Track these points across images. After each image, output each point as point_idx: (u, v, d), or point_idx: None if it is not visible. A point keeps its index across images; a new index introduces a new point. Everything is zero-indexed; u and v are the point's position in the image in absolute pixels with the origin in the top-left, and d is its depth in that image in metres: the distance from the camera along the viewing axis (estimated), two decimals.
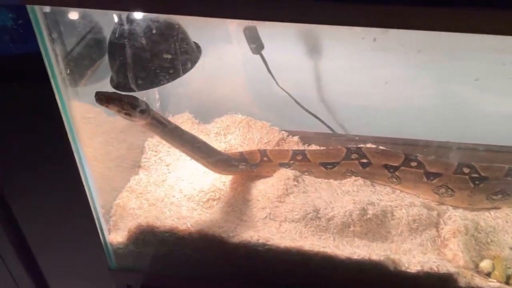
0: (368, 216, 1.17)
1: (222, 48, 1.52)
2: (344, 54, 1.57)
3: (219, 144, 1.42)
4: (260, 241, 1.09)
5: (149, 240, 1.14)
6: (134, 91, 1.05)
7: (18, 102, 1.11)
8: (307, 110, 1.55)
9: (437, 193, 1.27)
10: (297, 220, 1.17)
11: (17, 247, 1.38)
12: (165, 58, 0.93)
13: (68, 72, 0.89)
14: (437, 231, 1.19)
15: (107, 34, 1.06)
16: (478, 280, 1.05)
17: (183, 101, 1.53)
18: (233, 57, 1.56)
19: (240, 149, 1.43)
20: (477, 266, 1.12)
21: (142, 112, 1.01)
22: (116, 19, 0.98)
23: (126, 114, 0.98)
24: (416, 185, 1.29)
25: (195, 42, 1.09)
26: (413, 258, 1.10)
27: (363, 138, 1.51)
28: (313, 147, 1.49)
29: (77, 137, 0.98)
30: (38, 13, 0.76)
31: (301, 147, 1.48)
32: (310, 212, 1.17)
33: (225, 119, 1.48)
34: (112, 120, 1.29)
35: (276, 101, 1.59)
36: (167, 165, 1.37)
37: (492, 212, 1.25)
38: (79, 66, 1.03)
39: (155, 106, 1.52)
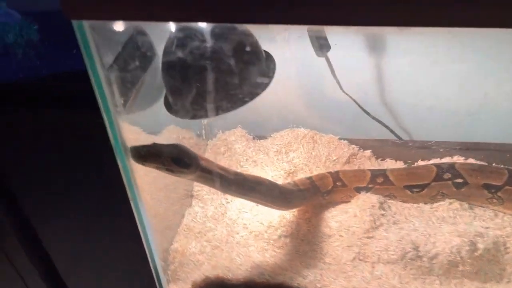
0: (479, 251, 0.96)
1: (275, 50, 1.30)
2: (411, 49, 1.34)
3: (281, 164, 1.22)
4: None
5: None
6: (196, 118, 0.84)
7: (54, 128, 0.93)
8: (374, 118, 1.34)
9: None
10: (394, 261, 0.97)
11: None
12: (245, 79, 0.72)
13: (123, 98, 0.68)
14: None
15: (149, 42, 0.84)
16: None
17: (233, 114, 1.31)
18: (288, 60, 1.34)
19: (305, 169, 1.22)
20: None
21: (187, 165, 0.80)
22: (173, 26, 0.76)
23: (167, 170, 0.79)
24: None
25: (265, 51, 0.88)
26: None
27: (445, 145, 1.29)
28: (388, 161, 1.28)
29: (132, 173, 0.77)
30: (86, 28, 0.55)
31: (374, 162, 1.27)
32: (410, 251, 0.96)
33: (286, 134, 1.27)
34: (152, 140, 1.10)
35: (338, 109, 1.38)
36: (224, 194, 1.17)
37: None
38: (121, 85, 0.81)
39: (202, 122, 1.31)
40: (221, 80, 0.74)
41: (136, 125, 0.90)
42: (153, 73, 0.87)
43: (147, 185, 1.06)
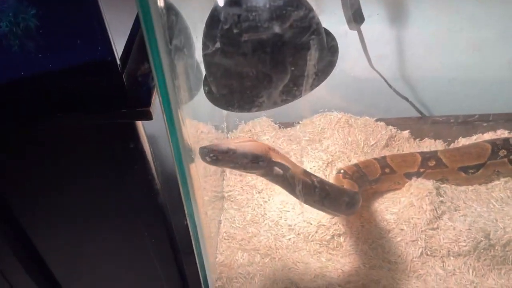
0: None
1: None
2: (433, 18, 1.24)
3: (317, 153, 1.09)
4: None
5: None
6: (240, 111, 0.69)
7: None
8: (403, 96, 1.24)
9: None
10: (466, 253, 0.87)
11: None
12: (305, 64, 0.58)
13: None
14: None
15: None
16: None
17: None
18: None
19: (343, 158, 1.10)
20: None
21: (262, 161, 0.73)
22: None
23: (240, 167, 0.73)
24: None
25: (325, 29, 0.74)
26: None
27: (487, 118, 1.20)
28: (427, 141, 1.18)
29: (191, 181, 0.63)
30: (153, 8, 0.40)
31: (413, 144, 1.16)
32: (481, 240, 0.87)
33: (317, 120, 1.14)
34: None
35: (367, 87, 1.26)
36: (259, 192, 1.03)
37: None
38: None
39: (223, 112, 1.16)
40: (285, 64, 0.60)
41: None
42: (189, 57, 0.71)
43: None
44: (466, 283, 0.83)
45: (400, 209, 0.96)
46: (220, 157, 0.68)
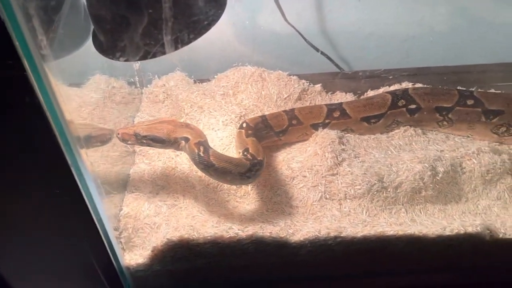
0: (440, 175, 0.96)
1: None
2: None
3: (231, 107, 1.11)
4: (332, 234, 0.85)
5: (182, 255, 0.86)
6: (128, 60, 0.69)
7: None
8: (317, 49, 1.27)
9: (496, 133, 1.09)
10: (360, 196, 0.94)
11: None
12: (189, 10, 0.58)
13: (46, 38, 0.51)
14: None
15: None
16: None
17: (168, 56, 1.16)
18: None
19: (257, 111, 1.13)
20: None
21: (163, 141, 0.87)
22: None
23: (149, 146, 0.89)
24: (470, 125, 1.10)
25: None
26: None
27: (393, 72, 1.26)
28: (338, 94, 1.23)
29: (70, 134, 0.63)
30: None
31: (325, 97, 1.21)
32: (375, 183, 0.94)
33: (231, 74, 1.15)
34: (79, 92, 0.94)
35: (282, 41, 1.28)
36: None
37: None
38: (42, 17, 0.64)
39: (134, 67, 1.14)
40: (139, 6, 0.59)
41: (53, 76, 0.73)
42: (73, 6, 0.69)
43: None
44: (358, 222, 0.90)
45: (305, 158, 1.01)
46: (127, 138, 0.85)
